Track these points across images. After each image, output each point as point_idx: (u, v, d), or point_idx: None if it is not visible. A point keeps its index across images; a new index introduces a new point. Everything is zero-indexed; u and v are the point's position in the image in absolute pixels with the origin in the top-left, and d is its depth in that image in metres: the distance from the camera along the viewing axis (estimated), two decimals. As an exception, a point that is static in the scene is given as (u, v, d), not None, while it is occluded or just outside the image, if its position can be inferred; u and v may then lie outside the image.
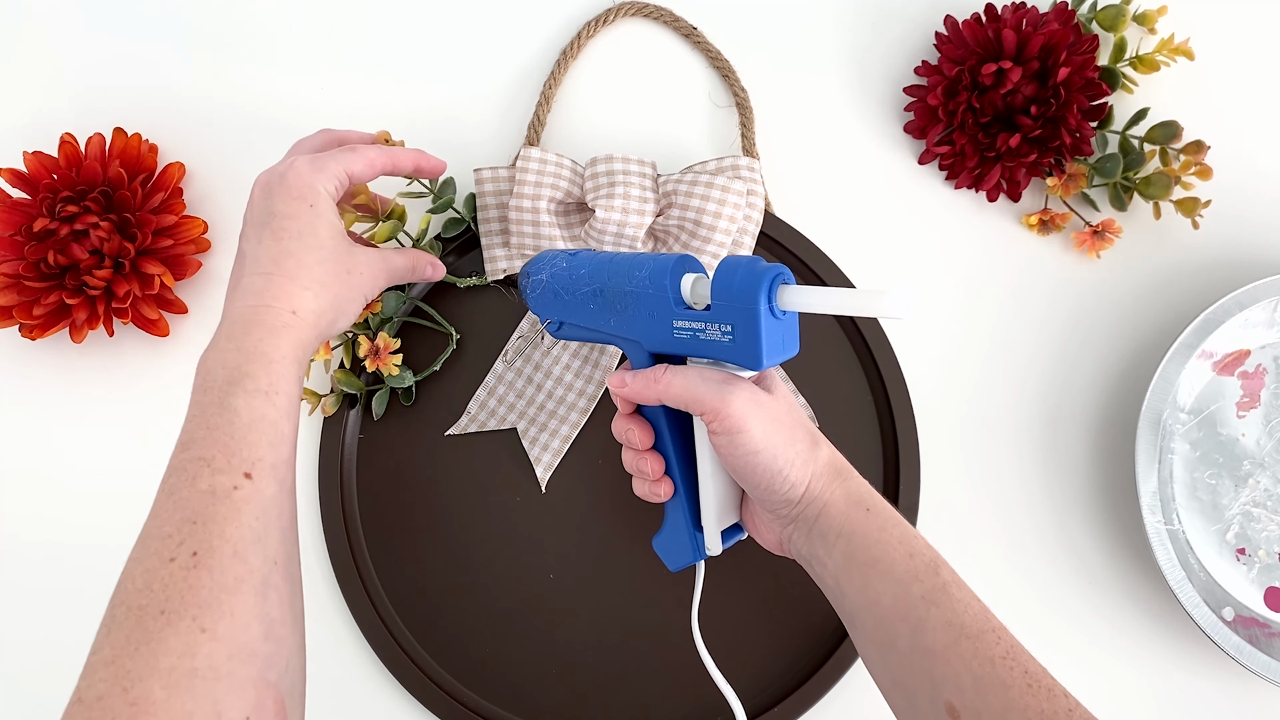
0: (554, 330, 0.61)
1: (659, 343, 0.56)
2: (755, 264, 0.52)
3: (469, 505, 0.70)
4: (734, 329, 0.52)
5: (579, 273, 0.59)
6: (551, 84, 0.73)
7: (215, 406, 0.50)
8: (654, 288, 0.55)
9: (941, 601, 0.51)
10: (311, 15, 0.76)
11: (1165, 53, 0.69)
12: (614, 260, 0.58)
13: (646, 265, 0.56)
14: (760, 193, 0.70)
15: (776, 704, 0.67)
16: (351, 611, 0.69)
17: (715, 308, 0.53)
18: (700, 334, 0.54)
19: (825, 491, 0.55)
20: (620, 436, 0.60)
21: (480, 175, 0.69)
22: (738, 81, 0.73)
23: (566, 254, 0.60)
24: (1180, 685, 0.69)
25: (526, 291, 0.62)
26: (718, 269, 0.53)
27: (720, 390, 0.54)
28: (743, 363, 0.53)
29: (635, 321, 0.57)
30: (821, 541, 0.55)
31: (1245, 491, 0.68)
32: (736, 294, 0.52)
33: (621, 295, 0.57)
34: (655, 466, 0.59)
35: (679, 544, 0.61)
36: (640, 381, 0.57)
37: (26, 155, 0.70)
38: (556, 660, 0.69)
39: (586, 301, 0.58)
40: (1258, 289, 0.67)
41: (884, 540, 0.53)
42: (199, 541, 0.45)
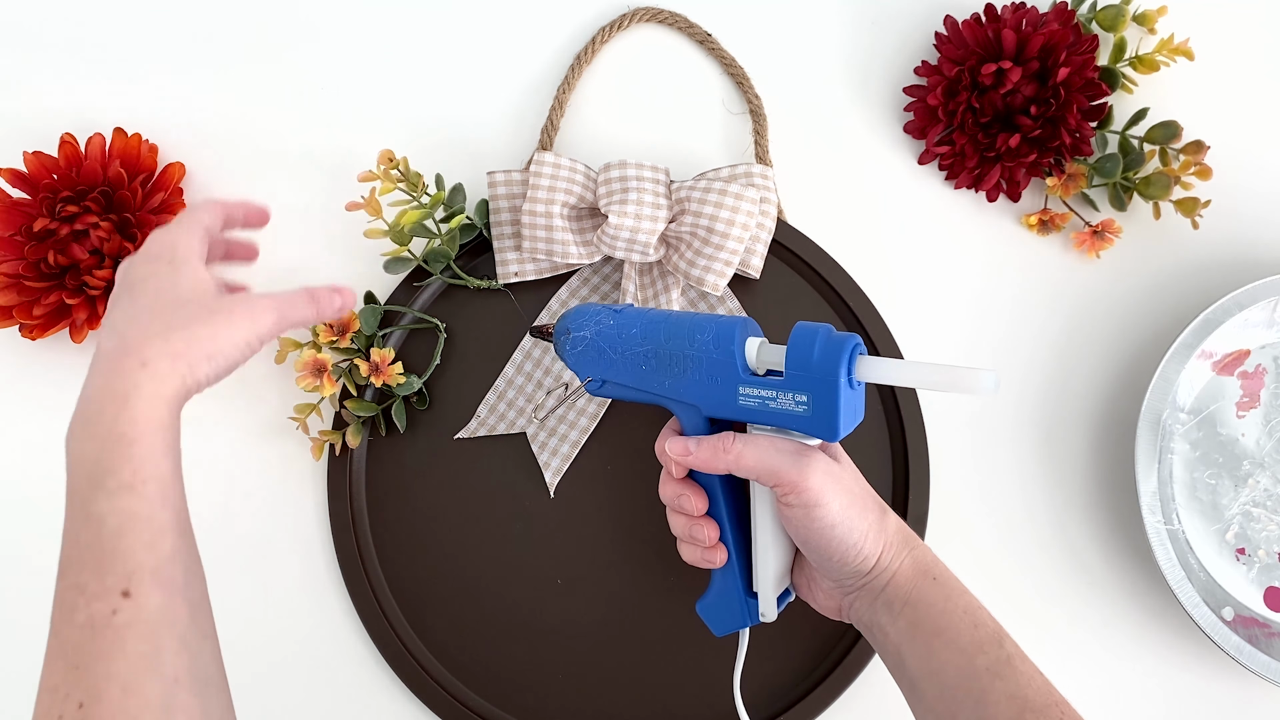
0: (595, 389, 0.59)
1: (720, 408, 0.55)
2: (832, 333, 0.52)
3: (477, 509, 0.70)
4: (810, 400, 0.52)
5: (629, 332, 0.57)
6: (565, 88, 0.73)
7: (80, 517, 0.46)
8: (720, 353, 0.54)
9: (1006, 674, 0.51)
10: (318, 15, 0.76)
11: (1165, 53, 0.69)
12: (670, 320, 0.56)
13: (709, 329, 0.54)
14: (773, 200, 0.70)
15: (783, 712, 0.68)
16: (358, 613, 0.69)
17: (790, 377, 0.52)
18: (771, 402, 0.53)
19: (895, 561, 0.55)
20: (672, 503, 0.58)
21: (493, 178, 0.69)
22: (751, 88, 0.73)
23: (611, 310, 0.58)
24: (1180, 685, 0.70)
25: (565, 348, 0.59)
26: (793, 338, 0.52)
27: (797, 463, 0.53)
28: (816, 433, 0.53)
29: (694, 386, 0.55)
30: (886, 610, 0.55)
31: (1245, 491, 0.68)
32: (816, 365, 0.51)
33: (680, 359, 0.55)
34: (711, 534, 0.58)
35: (730, 610, 0.60)
36: (707, 451, 0.55)
37: (26, 155, 0.70)
38: (563, 665, 0.69)
39: (638, 362, 0.56)
40: (1258, 289, 0.67)
41: (950, 610, 0.53)
42: (84, 690, 0.43)
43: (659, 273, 0.70)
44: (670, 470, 0.58)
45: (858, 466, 0.69)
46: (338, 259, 0.73)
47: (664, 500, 0.59)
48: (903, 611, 0.54)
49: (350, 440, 0.69)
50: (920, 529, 0.68)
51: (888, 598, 0.55)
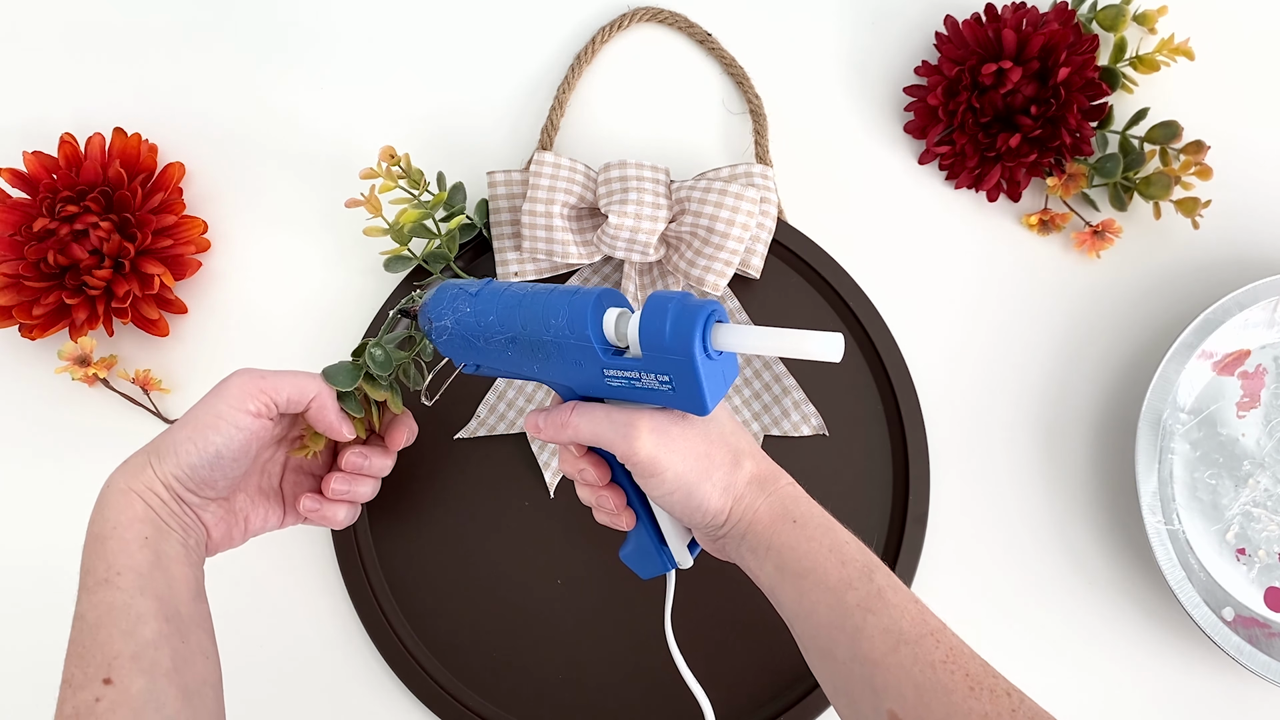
0: (471, 371, 0.57)
1: (590, 389, 0.53)
2: (685, 304, 0.49)
3: (477, 509, 0.70)
4: (672, 379, 0.50)
5: (486, 319, 0.54)
6: (565, 88, 0.73)
7: (73, 619, 0.50)
8: (575, 337, 0.51)
9: (877, 608, 0.50)
10: (319, 14, 0.76)
11: (1165, 53, 0.69)
12: (523, 304, 0.53)
13: (562, 311, 0.51)
14: (774, 200, 0.70)
15: (784, 711, 0.68)
16: (358, 613, 0.69)
17: (647, 357, 0.50)
18: (636, 383, 0.51)
19: (749, 510, 0.54)
20: (574, 476, 0.58)
21: (493, 178, 0.69)
22: (751, 88, 0.73)
23: (468, 294, 0.55)
24: (1180, 685, 0.69)
25: (431, 336, 0.57)
26: (644, 312, 0.50)
27: (625, 433, 0.52)
28: (687, 409, 0.51)
29: (561, 369, 0.53)
30: (752, 555, 0.54)
31: (1245, 491, 0.68)
32: (669, 345, 0.49)
33: (540, 345, 0.52)
34: (617, 501, 0.58)
35: (647, 559, 0.60)
36: (552, 424, 0.55)
37: (26, 155, 0.70)
38: (563, 665, 0.69)
39: (502, 349, 0.54)
40: (1258, 289, 0.67)
41: (813, 551, 0.52)
42: None
43: (659, 273, 0.70)
44: (569, 447, 0.57)
45: (857, 467, 0.69)
46: (337, 258, 0.73)
47: (566, 474, 0.58)
48: (767, 556, 0.53)
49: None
50: (920, 528, 0.68)
51: (751, 544, 0.54)
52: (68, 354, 0.69)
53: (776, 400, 0.69)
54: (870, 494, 0.69)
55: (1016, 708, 0.46)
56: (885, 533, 0.69)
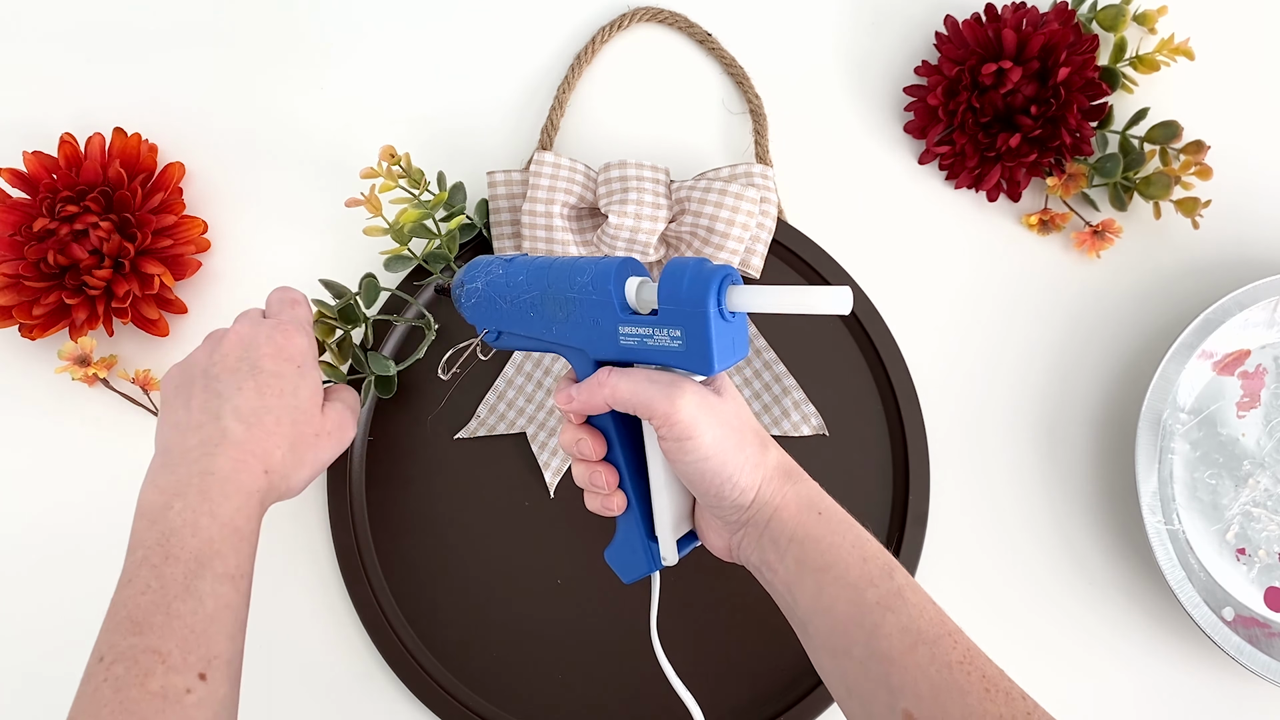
0: (492, 340, 0.59)
1: (604, 350, 0.54)
2: (702, 266, 0.51)
3: (477, 509, 0.70)
4: (683, 334, 0.51)
5: (516, 279, 0.56)
6: (565, 88, 0.73)
7: (180, 588, 0.49)
8: (597, 293, 0.53)
9: (897, 606, 0.50)
10: (319, 14, 0.76)
11: (1165, 53, 0.69)
12: (553, 265, 0.55)
13: (588, 270, 0.54)
14: (774, 200, 0.70)
15: (784, 711, 0.67)
16: (358, 613, 0.69)
17: (663, 312, 0.51)
18: (648, 339, 0.52)
19: (776, 496, 0.54)
20: (570, 448, 0.58)
21: (493, 178, 0.69)
22: (751, 88, 0.73)
23: (502, 260, 0.58)
24: (1180, 685, 0.69)
25: (460, 300, 0.59)
26: (664, 272, 0.51)
27: (669, 393, 0.52)
28: (694, 368, 0.52)
29: (579, 329, 0.55)
30: (773, 547, 0.54)
31: (1245, 491, 0.68)
32: (684, 298, 0.50)
33: (563, 302, 0.54)
34: (610, 479, 0.57)
35: (633, 556, 0.59)
36: (586, 390, 0.54)
37: (26, 155, 0.70)
38: (562, 665, 0.69)
39: (526, 309, 0.56)
40: (1258, 289, 0.67)
41: (837, 544, 0.52)
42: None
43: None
44: (568, 417, 0.58)
45: (857, 467, 0.69)
46: (337, 257, 0.73)
47: (564, 448, 0.58)
48: (789, 548, 0.53)
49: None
50: (920, 529, 0.68)
51: (773, 534, 0.54)
52: (68, 354, 0.69)
53: (776, 400, 0.69)
54: (870, 494, 0.69)
55: (1031, 711, 0.47)
56: (885, 533, 0.69)
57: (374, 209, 0.65)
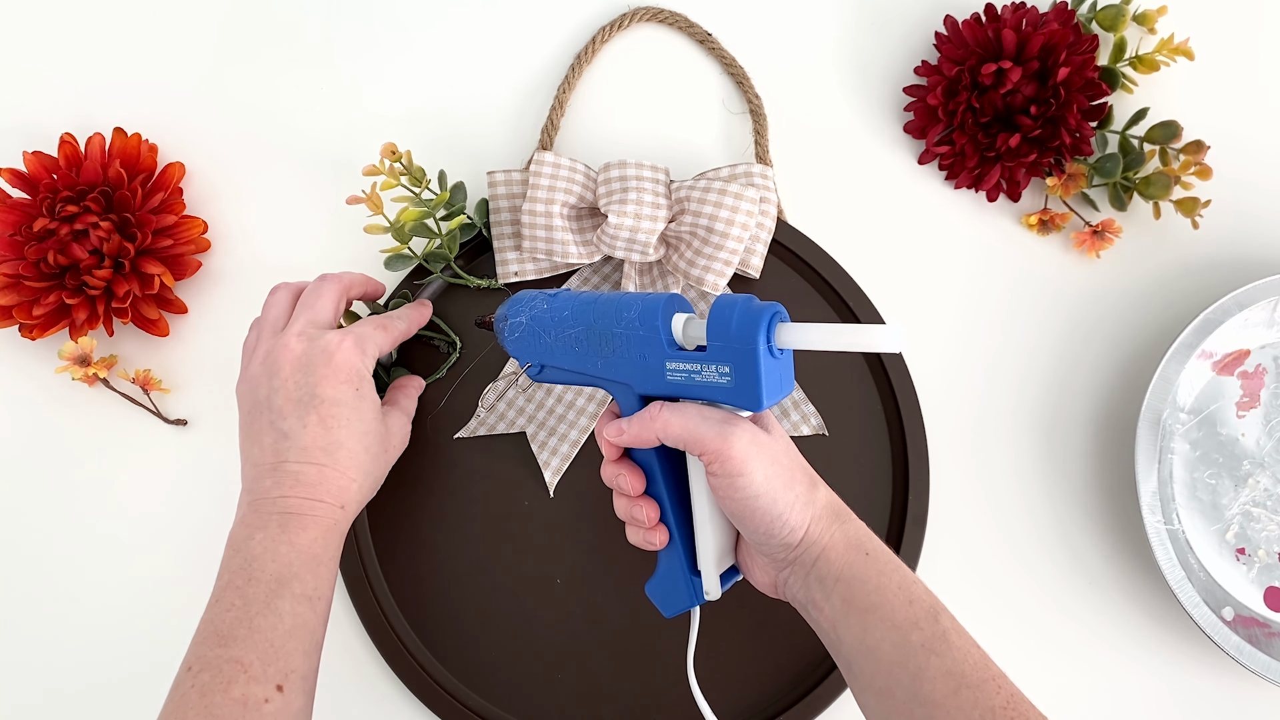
0: (534, 374, 0.59)
1: (651, 385, 0.55)
2: (751, 302, 0.52)
3: (477, 508, 0.70)
4: (732, 370, 0.51)
5: (561, 314, 0.57)
6: (565, 88, 0.73)
7: (261, 605, 0.52)
8: (645, 329, 0.54)
9: (941, 650, 0.50)
10: (319, 14, 0.76)
11: (1165, 53, 0.69)
12: (599, 301, 0.56)
13: (635, 306, 0.54)
14: (773, 200, 0.70)
15: (782, 712, 0.67)
16: (358, 612, 0.69)
17: (711, 349, 0.52)
18: (696, 375, 0.53)
19: (824, 535, 0.54)
20: (610, 483, 0.58)
21: (493, 178, 0.69)
22: (751, 88, 0.73)
23: (546, 295, 0.59)
24: (1180, 685, 0.69)
25: (504, 335, 0.60)
26: (712, 309, 0.52)
27: (722, 430, 0.52)
28: (742, 404, 0.52)
29: (625, 364, 0.55)
30: (819, 586, 0.54)
31: (1245, 491, 0.68)
32: (734, 334, 0.51)
33: (609, 337, 0.55)
34: (650, 513, 0.57)
35: (675, 590, 0.59)
36: (637, 425, 0.55)
37: (26, 155, 0.70)
38: (561, 664, 0.69)
39: (571, 344, 0.57)
40: (1258, 289, 0.67)
41: (883, 586, 0.53)
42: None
43: (659, 272, 0.70)
44: (606, 451, 0.58)
45: (857, 467, 0.69)
46: (337, 256, 0.73)
47: (605, 482, 0.59)
48: (835, 588, 0.53)
49: None
50: (920, 529, 0.68)
51: (820, 573, 0.54)
52: (68, 354, 0.69)
53: (776, 400, 0.69)
54: (870, 494, 0.69)
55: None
56: (885, 533, 0.69)
57: (375, 207, 0.65)
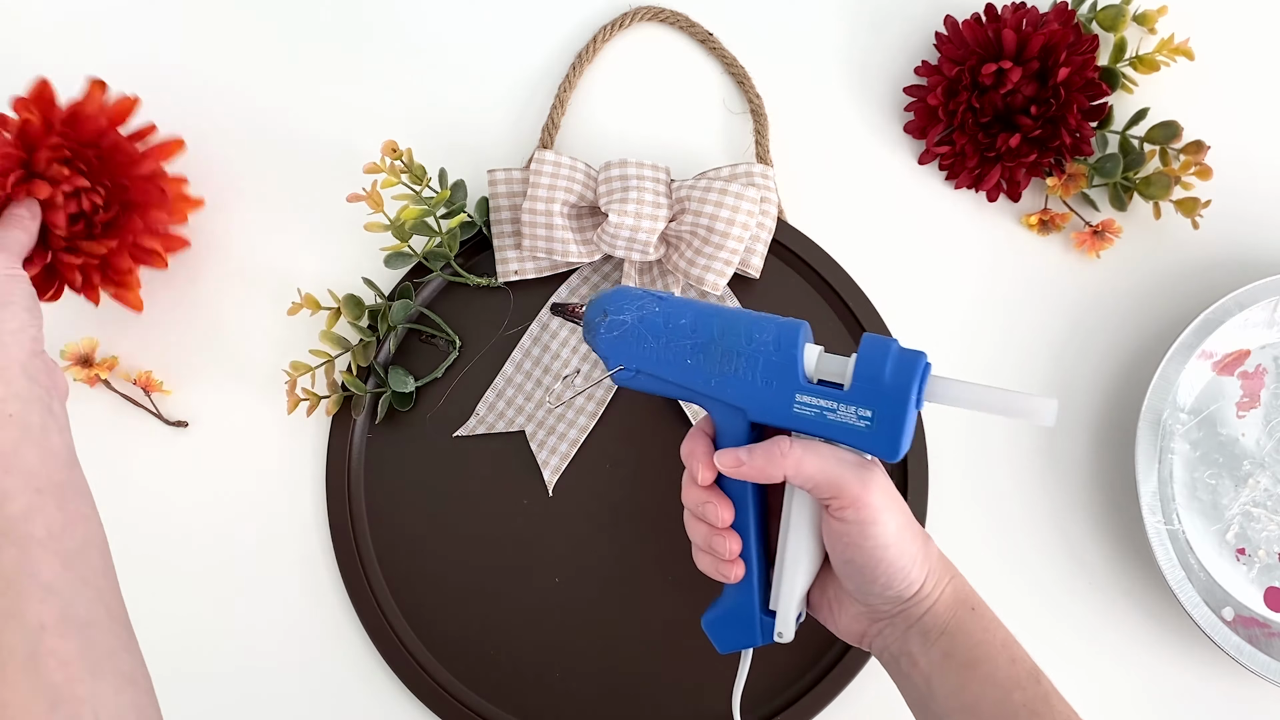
0: (626, 378, 0.54)
1: (770, 414, 0.52)
2: (904, 352, 0.50)
3: (476, 507, 0.70)
4: (874, 415, 0.50)
5: (677, 321, 0.53)
6: (566, 87, 0.73)
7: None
8: (780, 355, 0.51)
9: (1043, 712, 0.50)
10: (318, 12, 0.76)
11: (1165, 53, 0.69)
12: (725, 314, 0.53)
13: (769, 328, 0.52)
14: (774, 200, 0.70)
15: (780, 712, 0.68)
16: (356, 611, 0.69)
17: (855, 390, 0.50)
18: (829, 414, 0.51)
19: (936, 589, 0.53)
20: (696, 510, 0.55)
21: (494, 176, 0.69)
22: (752, 88, 0.73)
23: (654, 295, 0.54)
24: (1180, 685, 0.69)
25: (599, 330, 0.54)
26: (863, 350, 0.51)
27: (861, 475, 0.50)
28: (875, 450, 0.51)
29: (743, 387, 0.52)
30: (920, 639, 0.53)
31: (1245, 491, 0.68)
32: (888, 383, 0.50)
33: (732, 355, 0.52)
34: (734, 546, 0.54)
35: (742, 628, 0.57)
36: (762, 458, 0.51)
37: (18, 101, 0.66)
38: (560, 663, 0.69)
39: (684, 355, 0.53)
40: (1258, 289, 0.67)
41: (987, 642, 0.52)
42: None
43: (659, 272, 0.70)
44: (697, 476, 0.54)
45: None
46: (337, 255, 0.73)
47: (687, 506, 0.56)
48: (938, 641, 0.52)
49: (329, 408, 0.69)
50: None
51: (924, 626, 0.52)
52: (70, 354, 0.69)
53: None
54: (870, 493, 0.69)
55: None
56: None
57: (375, 204, 0.65)
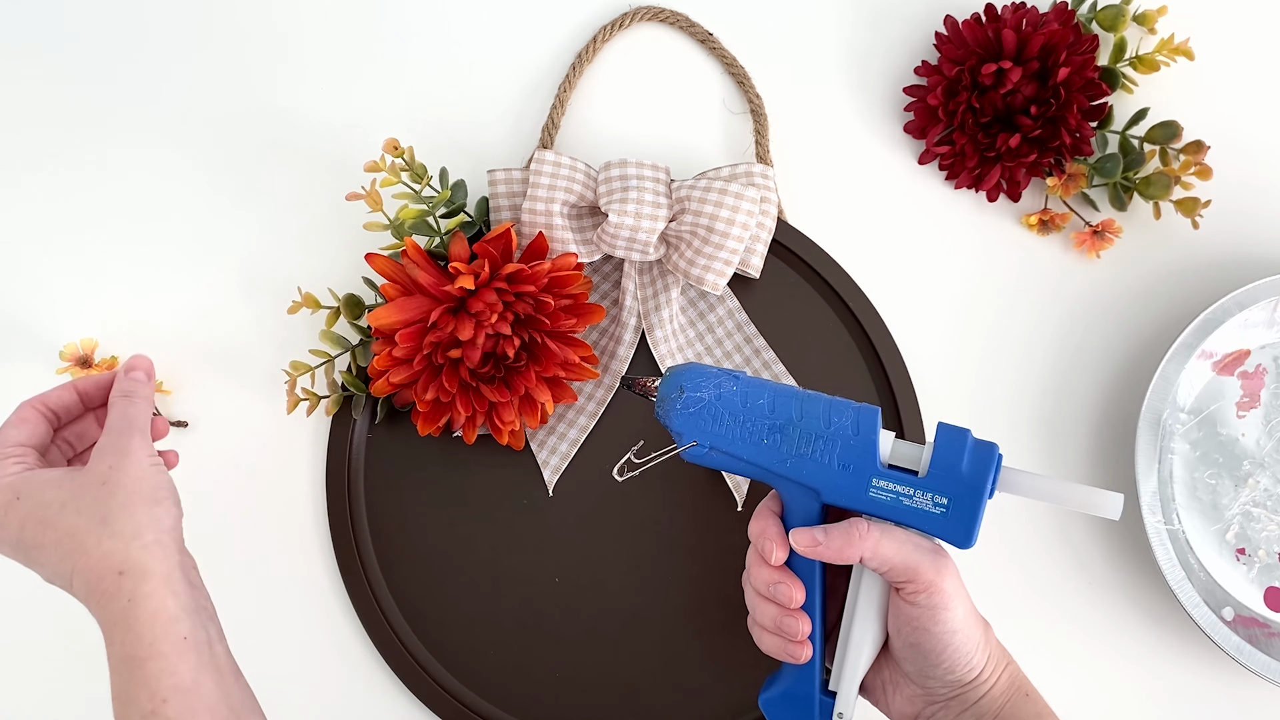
0: (699, 455, 0.56)
1: (845, 497, 0.54)
2: (979, 443, 0.53)
3: (476, 508, 0.70)
4: (950, 503, 0.52)
5: (756, 401, 0.55)
6: (566, 87, 0.73)
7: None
8: (860, 440, 0.53)
9: None
10: (318, 14, 0.76)
11: (1165, 53, 0.69)
12: (802, 397, 0.55)
13: (848, 413, 0.54)
14: (774, 200, 0.70)
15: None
16: (357, 612, 0.69)
17: (932, 477, 0.52)
18: (905, 499, 0.53)
19: (994, 674, 0.54)
20: (765, 590, 0.55)
21: (494, 177, 0.69)
22: (752, 88, 0.73)
23: (730, 375, 0.56)
24: (1180, 685, 0.69)
25: (675, 405, 0.56)
26: (939, 440, 0.53)
27: (936, 562, 0.52)
28: (948, 537, 0.53)
29: (819, 469, 0.54)
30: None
31: (1245, 491, 0.68)
32: (965, 472, 0.52)
33: (810, 438, 0.54)
34: (804, 627, 0.55)
35: (804, 708, 0.57)
36: (840, 539, 0.53)
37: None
38: (560, 664, 0.69)
39: (760, 435, 0.54)
40: (1258, 289, 0.67)
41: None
42: None
43: (659, 271, 0.70)
44: (770, 556, 0.55)
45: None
46: (335, 254, 0.73)
47: (756, 588, 0.56)
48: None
49: (328, 408, 0.69)
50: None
51: (979, 710, 0.54)
52: (69, 355, 0.69)
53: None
54: (870, 493, 0.69)
55: None
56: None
57: (374, 204, 0.65)
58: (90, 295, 0.73)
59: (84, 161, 0.74)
